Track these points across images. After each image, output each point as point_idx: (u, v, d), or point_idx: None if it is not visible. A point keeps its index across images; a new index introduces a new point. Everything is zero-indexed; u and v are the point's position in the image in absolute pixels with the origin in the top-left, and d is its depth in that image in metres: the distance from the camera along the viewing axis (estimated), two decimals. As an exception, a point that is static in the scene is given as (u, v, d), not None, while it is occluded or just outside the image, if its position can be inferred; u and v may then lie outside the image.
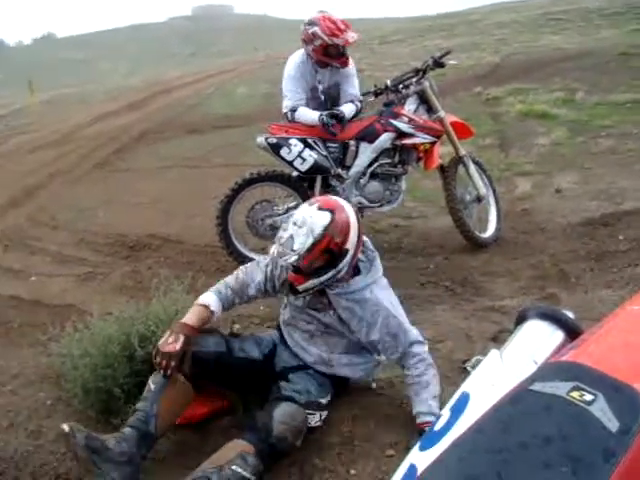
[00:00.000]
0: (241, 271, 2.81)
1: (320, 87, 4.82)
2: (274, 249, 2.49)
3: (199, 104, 14.18)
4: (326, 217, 2.40)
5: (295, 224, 2.43)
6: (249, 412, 2.69)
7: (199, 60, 36.42)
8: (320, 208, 2.45)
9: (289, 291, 2.66)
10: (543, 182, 6.64)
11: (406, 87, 4.81)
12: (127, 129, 11.88)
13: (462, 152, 4.91)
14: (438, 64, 4.89)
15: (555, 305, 3.92)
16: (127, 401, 2.72)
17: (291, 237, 2.41)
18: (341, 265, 2.47)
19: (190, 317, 2.61)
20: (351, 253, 2.48)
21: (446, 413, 1.38)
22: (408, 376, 2.63)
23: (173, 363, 2.47)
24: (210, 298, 2.69)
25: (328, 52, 4.65)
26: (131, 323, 2.93)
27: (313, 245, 2.39)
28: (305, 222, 2.40)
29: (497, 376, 1.42)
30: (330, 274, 2.48)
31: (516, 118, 9.29)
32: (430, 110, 4.85)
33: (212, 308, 2.65)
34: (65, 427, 2.30)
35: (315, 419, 2.56)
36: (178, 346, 2.48)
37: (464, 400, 1.39)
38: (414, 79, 4.84)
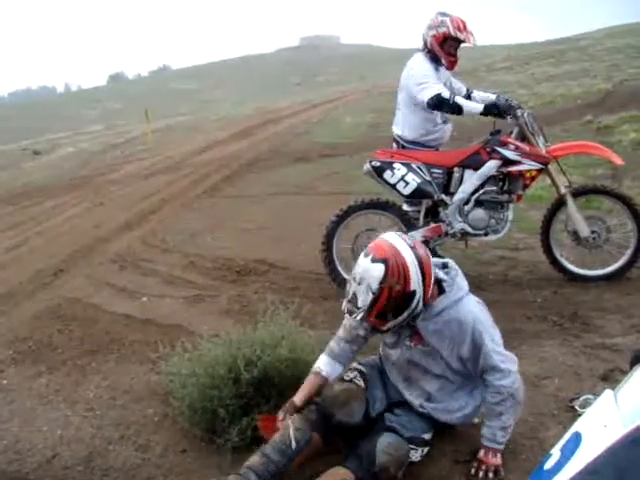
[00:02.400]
0: (346, 318, 2.75)
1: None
2: (344, 305, 2.49)
3: (306, 133, 14.48)
4: (380, 269, 2.35)
5: (355, 280, 2.41)
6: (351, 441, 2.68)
7: (306, 89, 37.26)
8: (373, 260, 2.39)
9: (374, 331, 2.65)
10: (659, 214, 6.31)
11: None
12: (236, 156, 12.30)
13: (562, 191, 4.75)
14: None
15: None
16: (231, 422, 2.78)
17: (354, 294, 2.41)
18: (413, 305, 2.42)
19: (299, 394, 2.69)
20: (420, 291, 2.41)
21: (556, 453, 1.33)
22: (485, 398, 2.58)
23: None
24: (321, 362, 2.76)
25: (445, 44, 4.73)
26: (237, 346, 3.00)
27: (375, 300, 2.37)
28: (363, 278, 2.38)
29: (611, 418, 1.35)
30: (405, 314, 2.44)
31: (630, 147, 8.93)
32: (544, 138, 4.76)
33: (323, 374, 2.71)
34: None
35: (417, 454, 2.54)
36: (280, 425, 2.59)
37: (576, 440, 1.33)
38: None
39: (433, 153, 4.88)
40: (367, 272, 2.38)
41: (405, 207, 4.96)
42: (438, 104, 4.63)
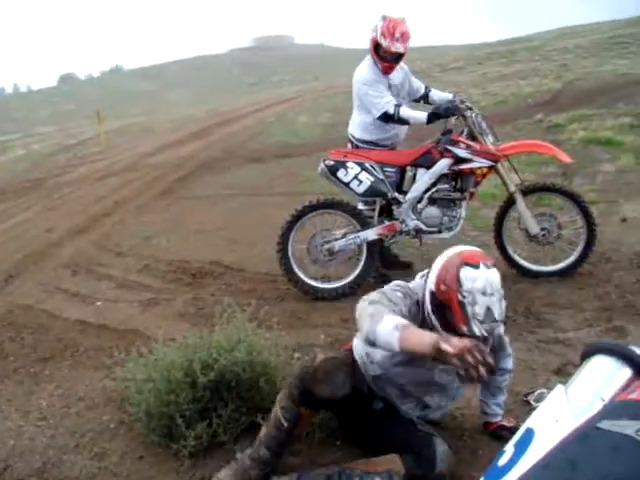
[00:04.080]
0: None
1: (390, 89, 4.90)
2: (478, 330, 2.20)
3: (261, 133, 14.44)
4: (497, 273, 2.26)
5: (485, 294, 2.20)
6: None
7: (260, 90, 37.17)
8: (487, 267, 2.25)
9: None
10: (608, 210, 6.49)
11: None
12: (191, 158, 12.20)
13: (512, 189, 4.85)
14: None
15: (622, 338, 3.81)
16: (188, 427, 2.74)
17: (488, 309, 2.20)
18: None
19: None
20: None
21: (510, 449, 1.35)
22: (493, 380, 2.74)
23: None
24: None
25: (378, 50, 4.77)
26: (194, 350, 2.97)
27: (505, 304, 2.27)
28: (493, 288, 2.22)
29: (562, 412, 1.38)
30: None
31: (579, 145, 9.15)
32: (495, 137, 4.86)
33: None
34: None
35: None
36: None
37: (529, 436, 1.35)
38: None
39: (386, 152, 4.93)
40: (492, 279, 2.23)
41: (360, 206, 5.00)
42: (386, 119, 4.76)
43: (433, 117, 4.70)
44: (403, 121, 4.76)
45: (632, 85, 12.48)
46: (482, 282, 2.20)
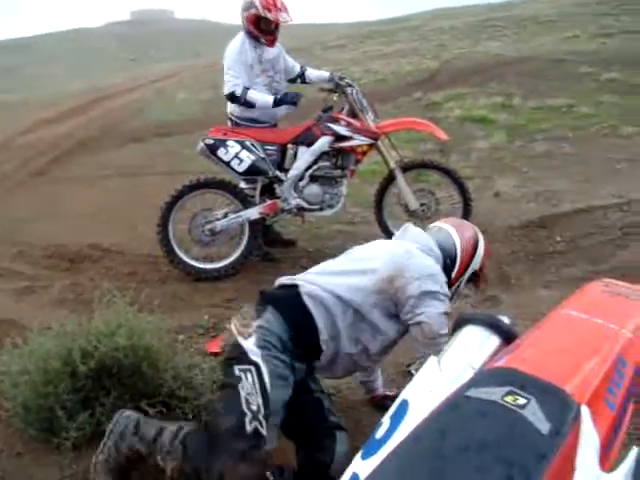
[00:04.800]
0: None
1: (261, 64, 4.95)
2: None
3: (140, 111, 13.98)
4: None
5: None
6: None
7: (139, 66, 35.85)
8: None
9: None
10: (483, 186, 6.81)
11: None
12: (66, 137, 11.61)
13: (392, 165, 4.99)
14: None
15: (496, 307, 4.03)
16: (69, 418, 2.64)
17: None
18: None
19: None
20: None
21: (386, 421, 1.39)
22: None
23: None
24: None
25: (259, 25, 4.80)
26: (72, 338, 2.85)
27: None
28: None
29: (435, 383, 1.44)
30: None
31: (455, 123, 9.50)
32: (375, 115, 4.96)
33: None
34: None
35: None
36: None
37: (403, 407, 1.40)
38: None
39: (266, 130, 4.94)
40: None
41: (242, 185, 4.97)
42: (232, 100, 4.83)
43: (280, 102, 4.80)
44: (249, 104, 4.79)
45: (503, 65, 13.05)
46: None
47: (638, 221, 5.22)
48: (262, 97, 4.82)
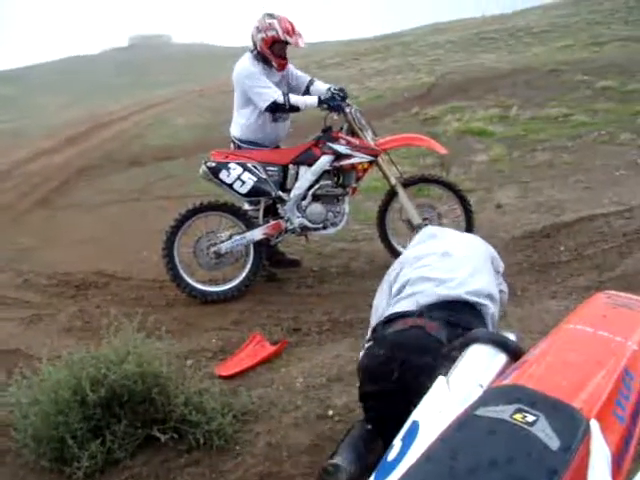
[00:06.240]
0: None
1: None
2: None
3: (139, 136, 14.04)
4: None
5: None
6: None
7: (137, 91, 36.03)
8: None
9: None
10: (484, 198, 6.82)
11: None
12: (66, 165, 11.65)
13: (392, 181, 5.01)
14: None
15: (501, 320, 4.02)
16: (81, 447, 2.65)
17: None
18: None
19: None
20: None
21: (397, 443, 1.39)
22: None
23: None
24: None
25: (274, 47, 4.81)
26: (81, 366, 2.86)
27: None
28: None
29: (444, 403, 1.45)
30: None
31: (454, 136, 9.53)
32: (373, 132, 5.00)
33: None
34: None
35: None
36: None
37: (414, 429, 1.41)
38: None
39: (268, 151, 4.97)
40: None
41: (246, 206, 5.01)
42: (275, 109, 4.80)
43: (325, 102, 4.82)
44: (294, 108, 4.81)
45: (499, 77, 13.14)
46: None
47: (640, 228, 5.22)
48: (306, 98, 4.89)
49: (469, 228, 5.03)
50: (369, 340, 2.45)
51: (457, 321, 2.27)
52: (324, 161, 4.83)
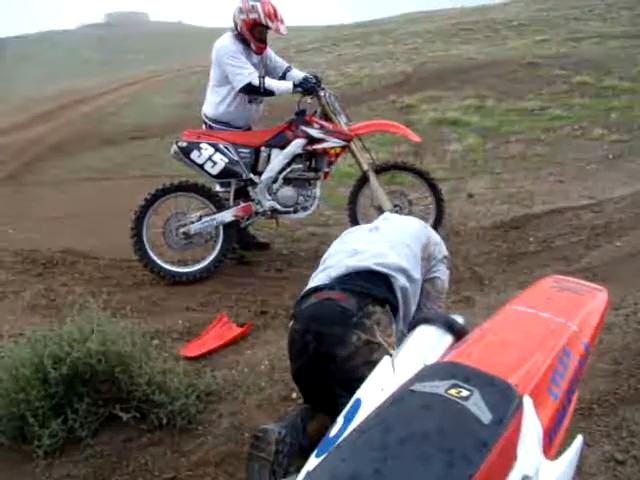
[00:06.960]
0: None
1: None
2: None
3: (114, 114, 13.87)
4: None
5: None
6: None
7: (113, 69, 35.53)
8: None
9: None
10: (456, 187, 6.88)
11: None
12: (38, 141, 11.47)
13: (365, 167, 5.04)
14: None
15: (470, 308, 4.08)
16: (42, 425, 2.65)
17: None
18: None
19: None
20: None
21: (340, 420, 1.42)
22: None
23: None
24: None
25: (254, 30, 4.82)
26: (44, 344, 2.84)
27: None
28: None
29: (387, 382, 1.48)
30: None
31: (429, 125, 9.58)
32: (347, 117, 5.02)
33: None
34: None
35: None
36: None
37: (356, 406, 1.44)
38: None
39: (240, 133, 4.96)
40: None
41: (217, 188, 5.00)
42: (250, 91, 4.80)
43: (299, 86, 4.85)
44: (268, 92, 4.81)
45: (476, 69, 13.18)
46: None
47: (608, 222, 5.33)
48: (281, 83, 4.90)
49: (439, 216, 5.08)
50: (291, 317, 2.51)
51: (366, 291, 2.36)
52: (296, 144, 4.84)
